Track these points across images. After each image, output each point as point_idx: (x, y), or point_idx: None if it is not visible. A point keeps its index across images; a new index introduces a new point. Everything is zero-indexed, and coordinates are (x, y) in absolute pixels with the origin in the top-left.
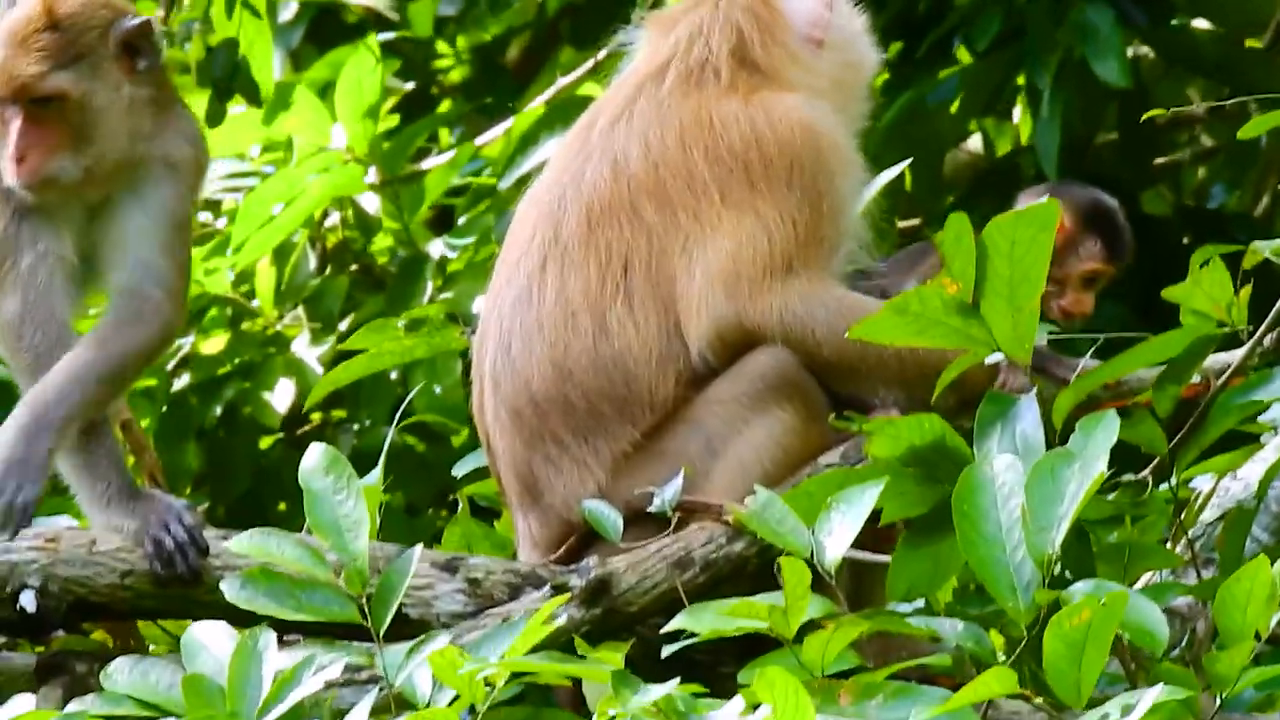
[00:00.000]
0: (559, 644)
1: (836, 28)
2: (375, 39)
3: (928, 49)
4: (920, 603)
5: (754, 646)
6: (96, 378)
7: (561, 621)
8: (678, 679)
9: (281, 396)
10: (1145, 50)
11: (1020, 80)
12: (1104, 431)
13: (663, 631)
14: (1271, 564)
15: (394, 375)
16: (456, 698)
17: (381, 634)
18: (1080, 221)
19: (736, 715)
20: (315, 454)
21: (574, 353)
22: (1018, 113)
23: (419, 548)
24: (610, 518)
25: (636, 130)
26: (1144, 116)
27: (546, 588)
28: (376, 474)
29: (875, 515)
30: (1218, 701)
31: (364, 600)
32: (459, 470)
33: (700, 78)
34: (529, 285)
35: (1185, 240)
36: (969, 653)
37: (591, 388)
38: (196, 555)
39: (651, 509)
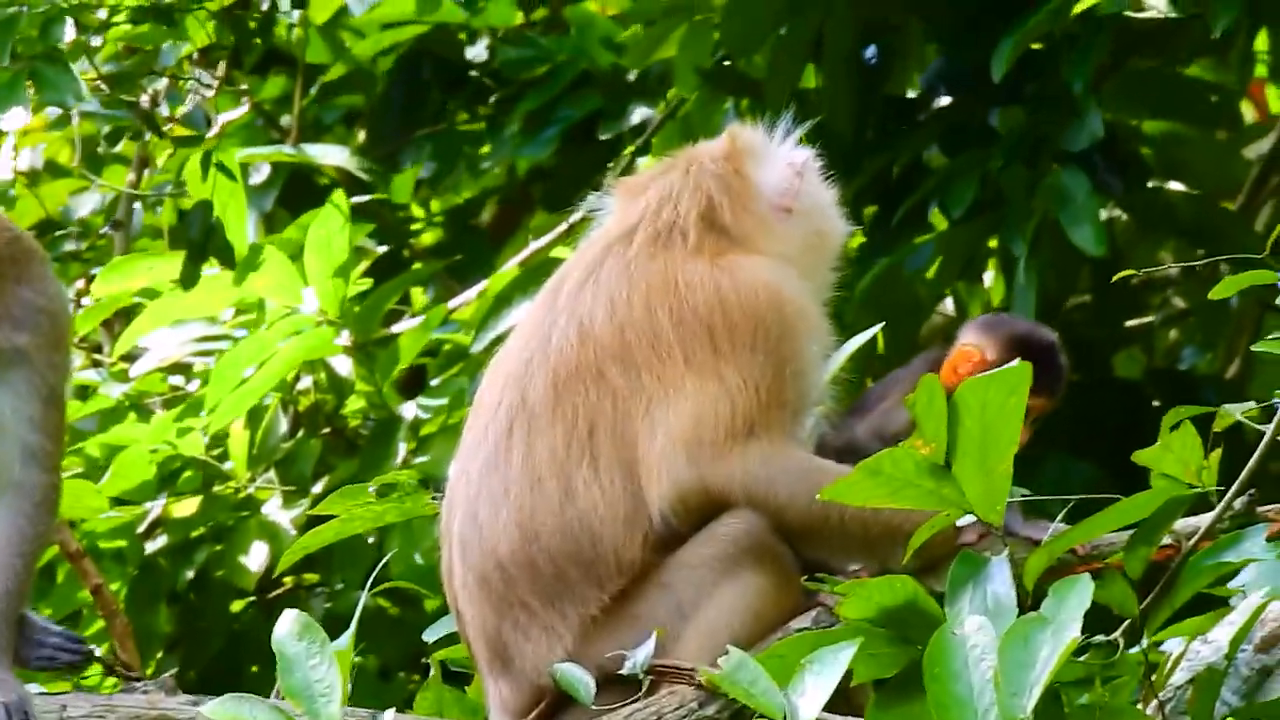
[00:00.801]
0: None
1: (806, 196)
2: (343, 196)
3: (903, 215)
4: None
5: None
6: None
7: None
8: None
9: (254, 560)
10: (1118, 212)
11: (993, 244)
12: (1077, 596)
13: None
14: None
15: (370, 539)
16: None
17: None
18: (1011, 354)
19: None
20: (288, 620)
21: (540, 517)
22: (989, 275)
23: (390, 713)
24: (583, 681)
25: (603, 292)
26: (1116, 278)
27: None
28: (348, 638)
29: (847, 676)
30: None
31: None
32: (430, 635)
33: (668, 240)
34: (496, 450)
35: (1156, 402)
36: None
37: (558, 552)
38: None
39: (623, 672)
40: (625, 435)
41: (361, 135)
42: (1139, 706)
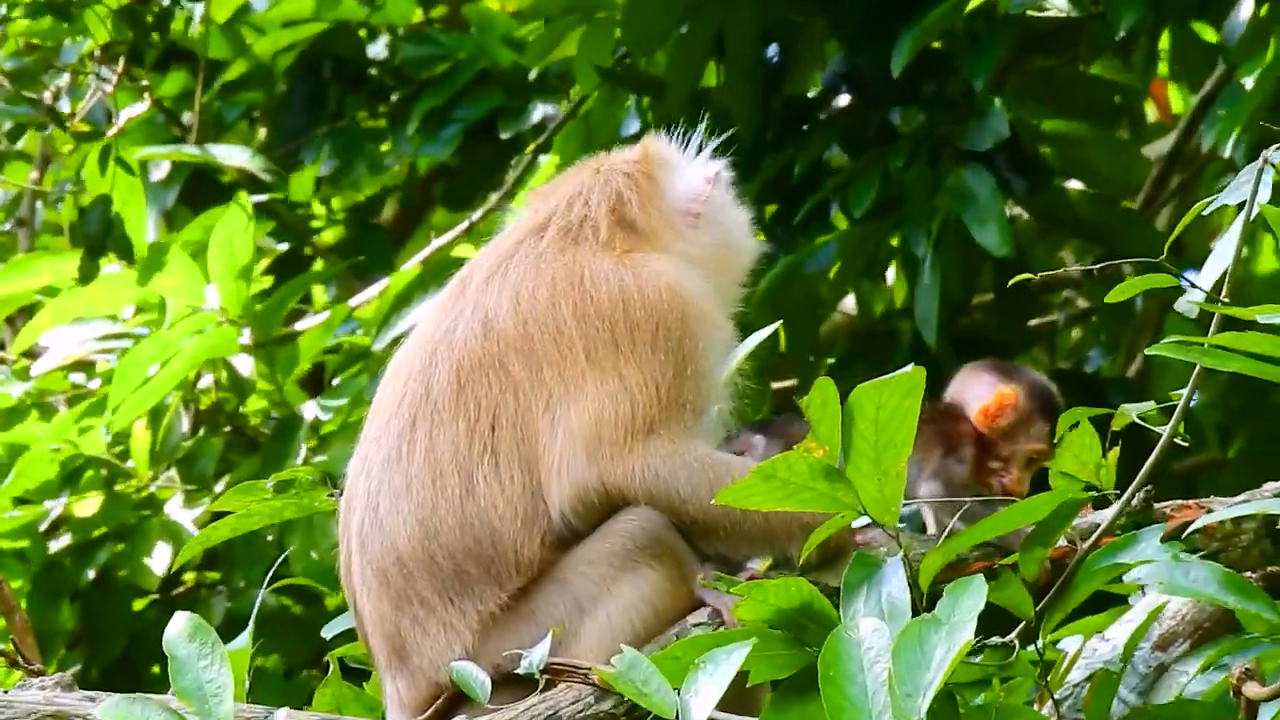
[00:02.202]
0: None
1: (715, 204)
2: (247, 198)
3: (804, 214)
4: None
5: None
6: None
7: None
8: None
9: (157, 558)
10: (1019, 211)
11: (895, 243)
12: (971, 597)
13: None
14: None
15: (270, 537)
16: None
17: None
18: (1035, 404)
19: None
20: (179, 621)
21: (441, 512)
22: (891, 274)
23: (284, 711)
24: (478, 679)
25: (510, 285)
26: (1013, 281)
27: None
28: (246, 636)
29: (745, 677)
30: None
31: None
32: (328, 632)
33: (578, 234)
34: (399, 444)
35: None
36: None
37: (457, 548)
38: None
39: (519, 671)
40: (526, 430)
41: (262, 132)
42: (1034, 706)
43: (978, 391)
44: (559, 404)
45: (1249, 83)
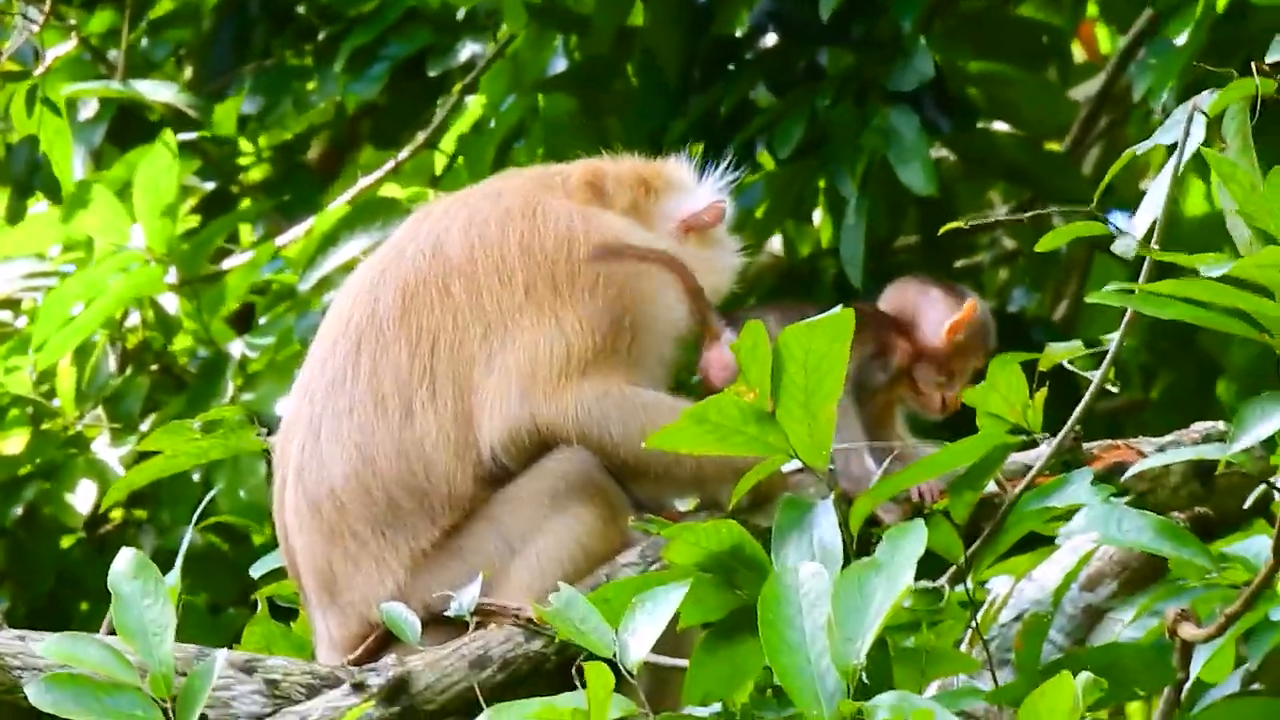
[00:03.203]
0: None
1: (714, 240)
2: (172, 136)
3: (732, 153)
4: (717, 706)
5: None
6: None
7: None
8: None
9: (83, 497)
10: (945, 152)
11: (822, 184)
12: (911, 542)
13: None
14: (1072, 672)
15: (196, 476)
16: None
17: None
18: (990, 318)
19: None
20: (125, 558)
21: (378, 438)
22: (818, 215)
23: (223, 653)
24: (408, 620)
25: (465, 212)
26: (945, 229)
27: (345, 686)
28: (175, 574)
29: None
30: None
31: (168, 705)
32: (256, 570)
33: (549, 182)
34: (344, 366)
35: None
36: None
37: (392, 477)
38: None
39: (449, 614)
40: (462, 355)
41: (189, 71)
42: (965, 649)
43: (935, 307)
44: (495, 335)
45: (1181, 40)
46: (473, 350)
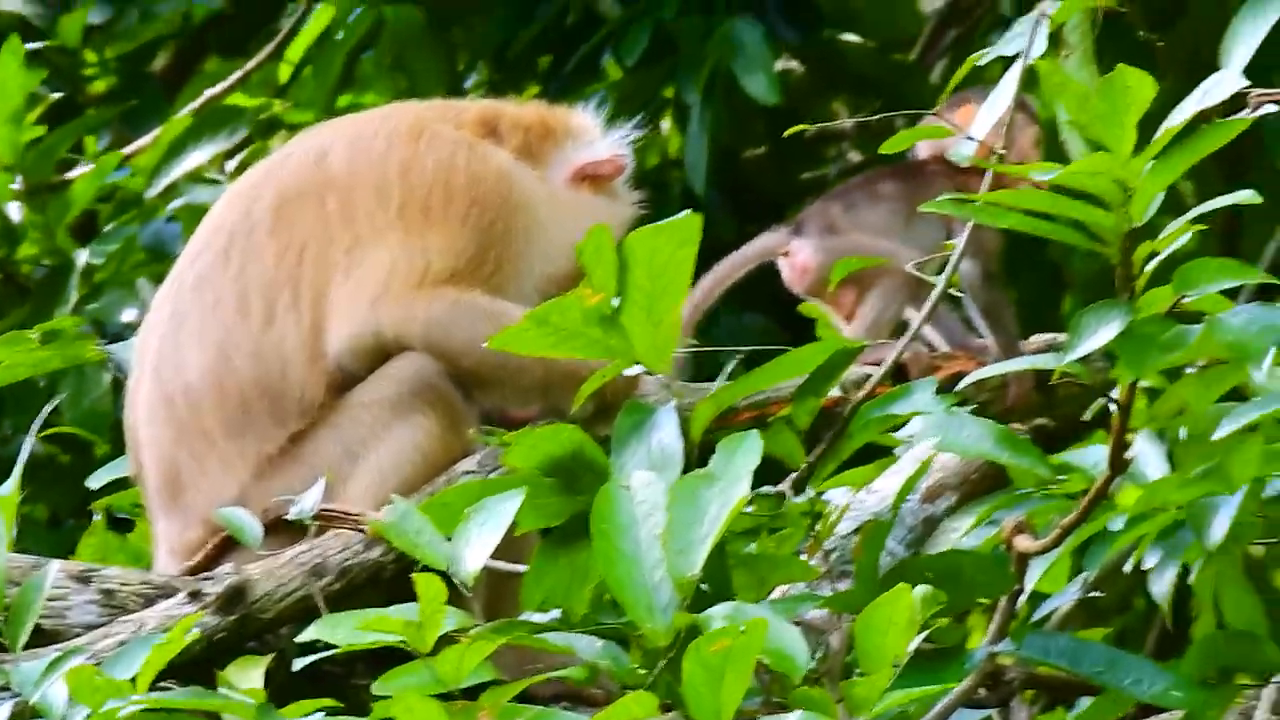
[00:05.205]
0: (195, 653)
1: (609, 191)
2: (19, 42)
3: (577, 63)
4: (556, 613)
5: (388, 658)
6: None
7: (195, 631)
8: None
9: None
10: (793, 64)
11: (668, 94)
12: (746, 453)
13: (297, 641)
14: (910, 582)
15: (41, 384)
16: (90, 714)
17: (19, 649)
18: None
19: None
20: None
21: (237, 337)
22: (665, 125)
23: (56, 562)
24: (248, 524)
25: (353, 129)
26: (788, 132)
27: (181, 595)
28: (13, 484)
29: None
30: None
31: (1, 615)
32: (94, 481)
33: (443, 113)
34: (214, 262)
35: None
36: (607, 671)
37: (248, 377)
38: None
39: (289, 517)
40: (326, 266)
41: None
42: (804, 557)
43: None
44: (358, 249)
45: None
46: (338, 261)
